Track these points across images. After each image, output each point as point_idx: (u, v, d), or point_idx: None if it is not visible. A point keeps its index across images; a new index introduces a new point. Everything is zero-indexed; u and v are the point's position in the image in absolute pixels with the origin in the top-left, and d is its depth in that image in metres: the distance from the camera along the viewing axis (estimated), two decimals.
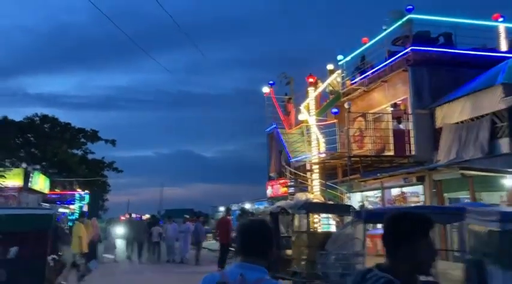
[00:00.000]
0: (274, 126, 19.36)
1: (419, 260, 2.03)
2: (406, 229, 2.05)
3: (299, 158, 17.18)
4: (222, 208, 30.64)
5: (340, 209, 11.55)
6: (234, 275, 2.29)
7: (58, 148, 36.15)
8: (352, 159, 14.78)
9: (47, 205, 38.73)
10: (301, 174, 16.61)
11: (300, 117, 17.37)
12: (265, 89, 20.15)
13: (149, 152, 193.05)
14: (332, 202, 14.42)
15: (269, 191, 25.50)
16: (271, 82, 20.23)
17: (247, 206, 27.86)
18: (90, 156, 43.96)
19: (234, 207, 33.54)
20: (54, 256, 7.67)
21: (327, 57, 19.14)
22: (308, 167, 16.46)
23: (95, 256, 20.20)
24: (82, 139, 41.52)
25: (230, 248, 15.33)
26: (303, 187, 16.47)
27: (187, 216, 21.81)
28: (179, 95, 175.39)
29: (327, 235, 10.16)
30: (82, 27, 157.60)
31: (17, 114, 36.31)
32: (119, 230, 24.02)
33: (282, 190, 22.23)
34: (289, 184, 17.31)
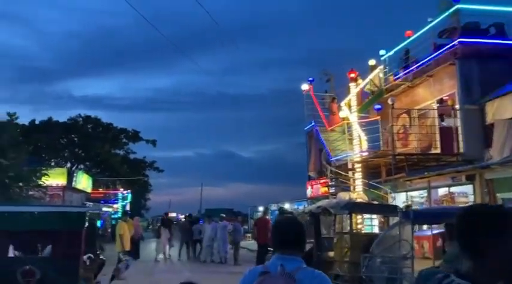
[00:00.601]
0: (313, 124, 18.87)
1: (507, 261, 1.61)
2: (488, 224, 1.64)
3: (340, 157, 16.64)
4: (261, 208, 30.32)
5: (385, 209, 10.96)
6: (275, 266, 2.48)
7: (100, 148, 36.93)
8: (397, 157, 14.14)
9: (90, 204, 39.70)
10: (343, 173, 16.08)
11: (341, 114, 16.82)
12: (305, 86, 19.68)
13: (189, 152, 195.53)
14: (376, 202, 13.81)
15: (309, 191, 24.99)
16: (310, 78, 19.75)
17: (287, 206, 27.42)
18: (131, 156, 44.76)
19: (273, 207, 33.14)
20: (90, 255, 7.56)
21: (368, 54, 18.36)
22: (350, 166, 15.91)
23: (138, 254, 20.39)
24: (124, 140, 42.32)
25: (269, 248, 15.05)
26: (344, 186, 15.94)
27: (223, 215, 21.37)
28: (218, 96, 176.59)
29: (371, 236, 9.66)
30: (124, 31, 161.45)
31: (63, 116, 37.68)
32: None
33: (322, 190, 21.69)
34: (329, 183, 16.78)
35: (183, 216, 31.78)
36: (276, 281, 2.42)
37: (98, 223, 35.75)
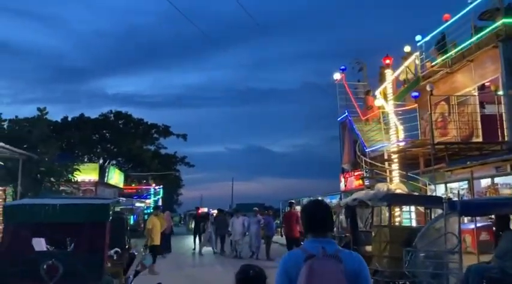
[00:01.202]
0: (347, 114, 18.22)
1: None
2: None
3: (375, 147, 15.97)
4: (293, 202, 29.82)
5: (428, 200, 10.24)
6: (315, 249, 2.53)
7: (132, 143, 37.17)
8: (437, 146, 13.40)
9: (123, 199, 40.14)
10: (379, 164, 15.41)
11: (376, 103, 16.13)
12: (336, 75, 19.06)
13: (220, 148, 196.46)
14: (417, 194, 13.11)
15: (342, 184, 24.37)
16: (342, 67, 19.08)
17: (320, 198, 26.80)
18: (162, 151, 44.98)
19: (305, 201, 32.58)
20: (118, 249, 7.28)
21: (402, 42, 17.51)
22: (386, 157, 15.23)
23: (169, 248, 20.28)
24: (155, 135, 42.54)
25: (297, 242, 14.69)
26: (380, 178, 15.28)
27: (257, 208, 20.84)
28: (247, 91, 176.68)
29: (412, 229, 9.07)
30: (155, 28, 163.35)
31: (96, 114, 38.22)
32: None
33: (356, 183, 21.03)
34: (364, 176, 16.13)
35: (215, 211, 31.64)
36: (325, 263, 2.47)
37: (131, 219, 36.17)
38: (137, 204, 37.64)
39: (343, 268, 2.46)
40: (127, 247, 8.80)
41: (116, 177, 31.85)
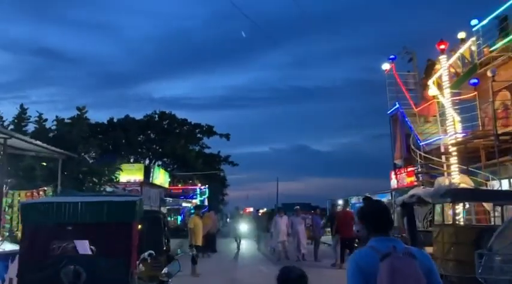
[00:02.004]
0: (398, 106, 17.05)
1: None
2: None
3: (430, 141, 14.77)
4: (340, 201, 28.76)
5: (504, 196, 8.98)
6: (386, 248, 2.62)
7: (176, 143, 37.15)
8: (501, 137, 12.13)
9: (170, 199, 40.33)
10: (435, 158, 14.22)
11: (430, 93, 14.94)
12: (385, 66, 17.94)
13: (265, 148, 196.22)
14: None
15: (393, 182, 23.19)
16: (392, 56, 17.93)
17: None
18: (206, 151, 44.86)
19: (353, 200, 31.49)
20: (152, 252, 6.71)
21: (450, 32, 16.10)
22: (443, 150, 14.03)
23: (214, 248, 19.83)
24: (198, 135, 42.45)
25: (353, 243, 13.96)
26: (436, 174, 14.10)
27: (298, 207, 19.13)
28: (291, 90, 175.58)
29: (482, 229, 8.01)
30: (199, 32, 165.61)
31: (142, 116, 38.72)
32: (243, 224, 23.74)
33: (408, 179, 19.83)
34: (418, 171, 14.93)
35: (261, 211, 31.18)
36: (403, 260, 2.55)
37: (178, 219, 36.19)
38: (184, 204, 37.66)
39: (418, 264, 2.56)
40: (165, 248, 8.26)
41: (161, 177, 31.83)
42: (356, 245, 14.24)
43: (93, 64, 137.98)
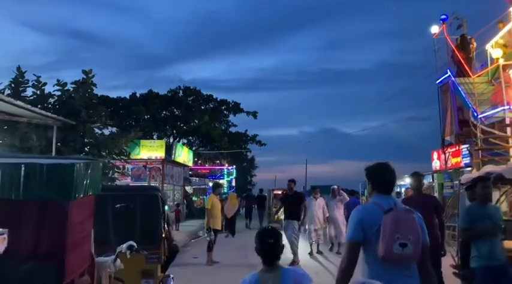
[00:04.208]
0: (449, 74, 14.67)
1: None
2: None
3: (491, 112, 12.43)
4: None
5: None
6: (387, 205, 3.03)
7: (200, 119, 35.40)
8: None
9: (196, 179, 38.97)
10: (497, 132, 11.92)
11: (494, 55, 12.55)
12: (434, 29, 15.56)
13: (294, 131, 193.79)
14: None
15: (435, 163, 20.98)
16: (442, 17, 15.49)
17: (408, 180, 23.40)
18: (232, 130, 43.04)
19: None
20: (131, 243, 4.92)
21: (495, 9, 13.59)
22: (508, 122, 11.72)
23: (233, 232, 18.18)
24: (224, 112, 40.59)
25: None
26: (499, 150, 11.86)
27: (336, 186, 15.04)
28: (322, 72, 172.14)
29: None
30: (229, 14, 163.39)
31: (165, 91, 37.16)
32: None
33: (454, 160, 17.56)
34: (476, 147, 12.58)
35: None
36: (403, 215, 2.95)
37: (204, 199, 34.85)
38: (210, 184, 36.31)
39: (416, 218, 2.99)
40: (164, 236, 6.44)
41: (184, 155, 30.28)
42: None
43: (125, 46, 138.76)
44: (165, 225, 6.52)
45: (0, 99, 7.69)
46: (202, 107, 38.40)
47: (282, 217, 13.90)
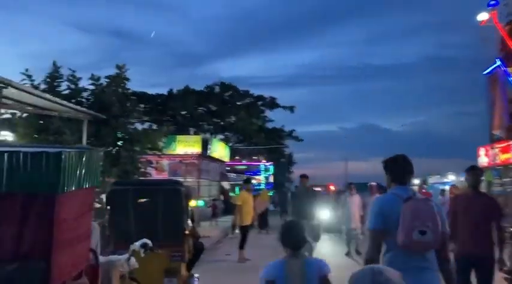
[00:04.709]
0: (500, 64, 13.71)
1: None
2: None
3: None
4: (416, 181, 25.62)
5: None
6: (406, 194, 3.11)
7: (236, 115, 35.21)
8: None
9: (233, 175, 38.91)
10: None
11: None
12: (482, 16, 14.59)
13: (333, 127, 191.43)
14: None
15: (482, 159, 19.85)
16: (492, 2, 14.48)
17: (452, 178, 22.42)
18: (269, 125, 42.61)
19: (432, 180, 28.19)
20: (146, 241, 4.62)
21: None
22: None
23: (266, 225, 17.91)
24: (261, 107, 40.22)
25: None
26: None
27: (374, 183, 13.86)
28: (361, 67, 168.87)
29: None
30: (265, 10, 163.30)
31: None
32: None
33: (503, 157, 16.50)
34: None
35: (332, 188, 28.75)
36: (422, 203, 3.04)
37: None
38: None
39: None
40: (187, 232, 6.13)
41: (220, 150, 30.16)
42: None
43: (164, 44, 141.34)
44: (189, 222, 6.20)
45: (29, 92, 7.62)
46: (239, 103, 38.21)
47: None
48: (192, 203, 20.62)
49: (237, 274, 9.92)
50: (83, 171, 2.64)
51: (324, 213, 14.44)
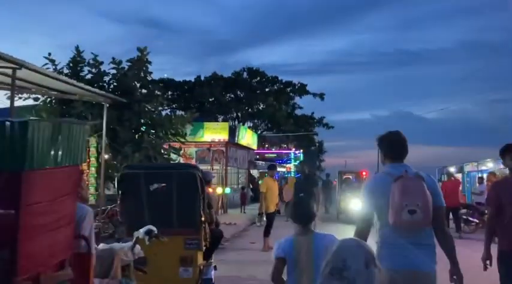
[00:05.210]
0: None
1: None
2: None
3: None
4: (452, 169, 24.63)
5: None
6: (398, 172, 3.04)
7: (264, 102, 34.68)
8: None
9: (262, 163, 38.61)
10: None
11: None
12: None
13: (366, 114, 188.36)
14: None
15: None
16: None
17: (490, 165, 21.38)
18: (298, 112, 41.81)
19: (468, 168, 27.06)
20: (151, 227, 4.26)
21: None
22: None
23: None
24: (290, 94, 39.48)
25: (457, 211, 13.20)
26: None
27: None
28: (396, 53, 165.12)
29: None
30: None
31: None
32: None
33: None
34: None
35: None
36: (413, 181, 2.98)
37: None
38: (278, 169, 35.86)
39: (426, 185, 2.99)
40: (203, 219, 5.77)
41: (248, 138, 29.80)
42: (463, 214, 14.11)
43: (196, 33, 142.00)
44: (203, 207, 5.82)
45: (43, 73, 7.36)
46: (267, 89, 37.58)
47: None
48: (219, 190, 20.49)
49: (260, 262, 9.52)
50: (61, 146, 2.26)
51: (354, 203, 14.07)
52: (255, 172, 35.05)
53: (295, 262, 3.22)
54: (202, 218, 5.66)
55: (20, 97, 10.72)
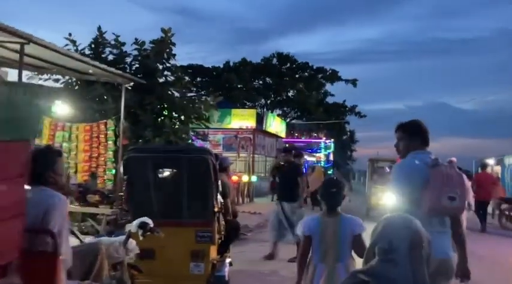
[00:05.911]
0: None
1: None
2: None
3: None
4: (491, 161, 23.33)
5: None
6: (428, 159, 3.09)
7: (293, 88, 33.74)
8: None
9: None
10: None
11: None
12: None
13: (399, 105, 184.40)
14: None
15: None
16: None
17: None
18: (329, 100, 40.57)
19: (509, 160, 25.68)
20: (144, 220, 3.67)
21: None
22: None
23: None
24: (321, 80, 38.26)
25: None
26: None
27: (454, 158, 13.40)
28: (430, 42, 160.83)
29: None
30: None
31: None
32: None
33: None
34: None
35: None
36: (446, 168, 3.01)
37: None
38: (307, 158, 35.19)
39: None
40: (216, 210, 5.20)
41: (276, 125, 29.12)
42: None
43: (226, 21, 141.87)
44: (216, 196, 5.24)
45: (52, 49, 6.89)
46: (297, 76, 36.52)
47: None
48: (244, 178, 19.92)
49: (283, 256, 8.95)
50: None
51: (387, 197, 13.17)
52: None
53: (320, 241, 3.29)
54: (216, 209, 5.09)
55: (40, 78, 10.42)
